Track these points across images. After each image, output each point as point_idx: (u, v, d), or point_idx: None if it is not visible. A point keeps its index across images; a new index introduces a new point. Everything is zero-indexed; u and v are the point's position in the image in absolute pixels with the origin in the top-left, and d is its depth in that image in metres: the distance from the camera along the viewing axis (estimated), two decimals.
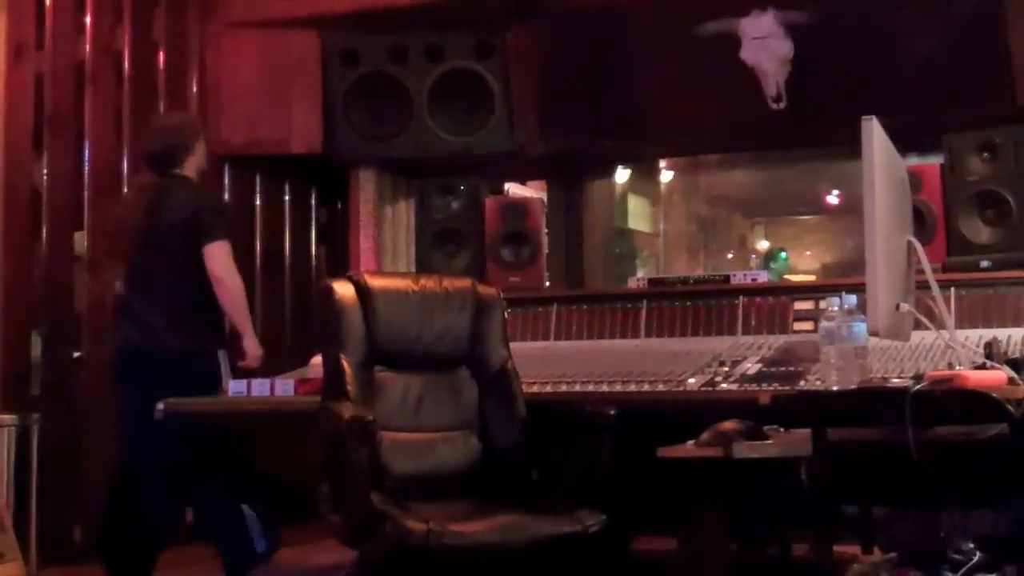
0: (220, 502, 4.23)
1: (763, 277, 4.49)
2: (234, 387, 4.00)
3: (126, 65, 5.33)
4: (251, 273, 5.88)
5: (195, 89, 5.63)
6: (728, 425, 3.03)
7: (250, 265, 5.88)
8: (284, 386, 3.90)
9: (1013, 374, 2.55)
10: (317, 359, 3.76)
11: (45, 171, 4.94)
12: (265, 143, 5.55)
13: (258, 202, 5.98)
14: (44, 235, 4.92)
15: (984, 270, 4.07)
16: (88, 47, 5.16)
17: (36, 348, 4.91)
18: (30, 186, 4.91)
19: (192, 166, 4.39)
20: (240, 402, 3.93)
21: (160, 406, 3.84)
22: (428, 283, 3.59)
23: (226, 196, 5.76)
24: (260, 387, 3.90)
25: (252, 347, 4.40)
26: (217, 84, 5.61)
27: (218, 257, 4.22)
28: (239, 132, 5.56)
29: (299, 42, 5.45)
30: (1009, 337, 3.61)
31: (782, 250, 12.48)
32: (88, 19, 5.16)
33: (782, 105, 4.75)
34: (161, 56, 5.51)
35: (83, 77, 5.13)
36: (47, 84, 4.97)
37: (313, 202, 6.30)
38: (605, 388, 3.63)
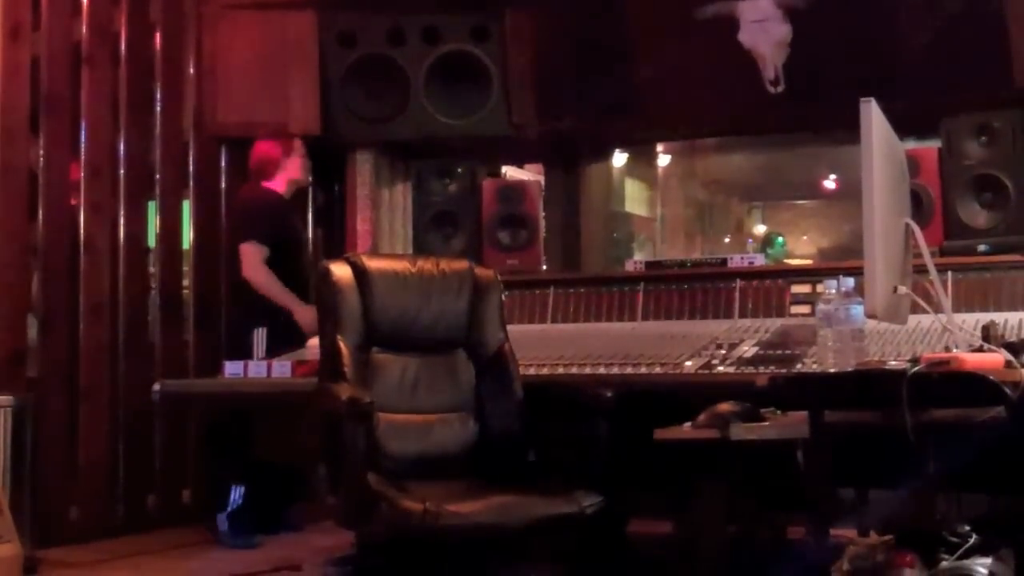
0: None
1: (760, 260, 4.49)
2: (230, 368, 4.00)
3: (123, 47, 5.32)
4: None
5: (192, 71, 5.62)
6: (725, 407, 3.04)
7: None
8: (281, 368, 3.90)
9: (1010, 357, 2.55)
10: (314, 341, 3.76)
11: (41, 152, 4.93)
12: (262, 125, 5.52)
13: None
14: (40, 216, 4.91)
15: (981, 254, 4.07)
16: (84, 28, 5.14)
17: (32, 330, 4.91)
18: (26, 167, 4.90)
19: (282, 179, 5.20)
20: (237, 384, 3.93)
21: (156, 387, 3.84)
22: (426, 265, 3.59)
23: (223, 179, 5.75)
24: (257, 369, 3.91)
25: (300, 317, 4.85)
26: (214, 66, 5.58)
27: (243, 258, 4.97)
28: (236, 114, 5.54)
29: (296, 24, 5.43)
30: (1006, 320, 3.61)
31: (779, 235, 12.48)
32: (84, 0, 5.14)
33: (780, 89, 4.74)
34: (158, 38, 5.50)
35: (79, 59, 5.12)
36: (43, 66, 4.96)
37: (310, 184, 6.28)
38: (602, 371, 3.63)
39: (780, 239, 11.56)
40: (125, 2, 5.33)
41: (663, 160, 10.86)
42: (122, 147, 5.27)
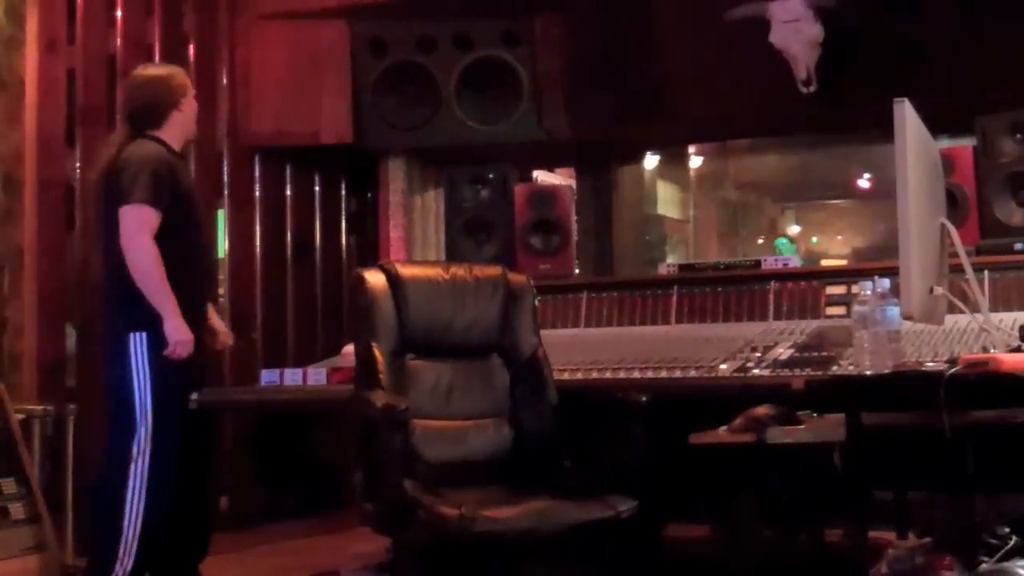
0: None
1: (794, 262, 4.46)
2: (266, 376, 4.03)
3: (157, 58, 5.36)
4: (282, 264, 5.92)
5: (225, 82, 5.67)
6: (761, 411, 3.03)
7: (281, 256, 5.92)
8: (316, 375, 3.92)
9: None
10: (349, 348, 3.78)
11: (78, 164, 4.98)
12: (295, 134, 5.58)
13: (288, 193, 6.02)
14: (77, 227, 4.96)
15: (1018, 252, 4.03)
16: (119, 41, 5.19)
17: (71, 339, 4.95)
18: (63, 179, 4.95)
19: (174, 130, 3.88)
20: (273, 391, 3.96)
21: (193, 395, 3.85)
22: (458, 271, 3.59)
23: (256, 188, 5.80)
24: (293, 376, 3.93)
25: (172, 331, 3.67)
26: (247, 76, 5.64)
27: (127, 223, 3.63)
28: (269, 124, 5.59)
29: (328, 33, 5.47)
30: None
31: (786, 237, 12.43)
32: (119, 13, 5.19)
33: (812, 89, 4.71)
34: (191, 49, 5.55)
35: (114, 71, 5.16)
36: (79, 78, 5.01)
37: (343, 192, 6.33)
38: (636, 375, 3.62)
39: (784, 240, 11.45)
40: (159, 14, 5.38)
41: (695, 162, 10.80)
42: None
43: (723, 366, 3.58)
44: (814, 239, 13.24)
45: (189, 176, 4.02)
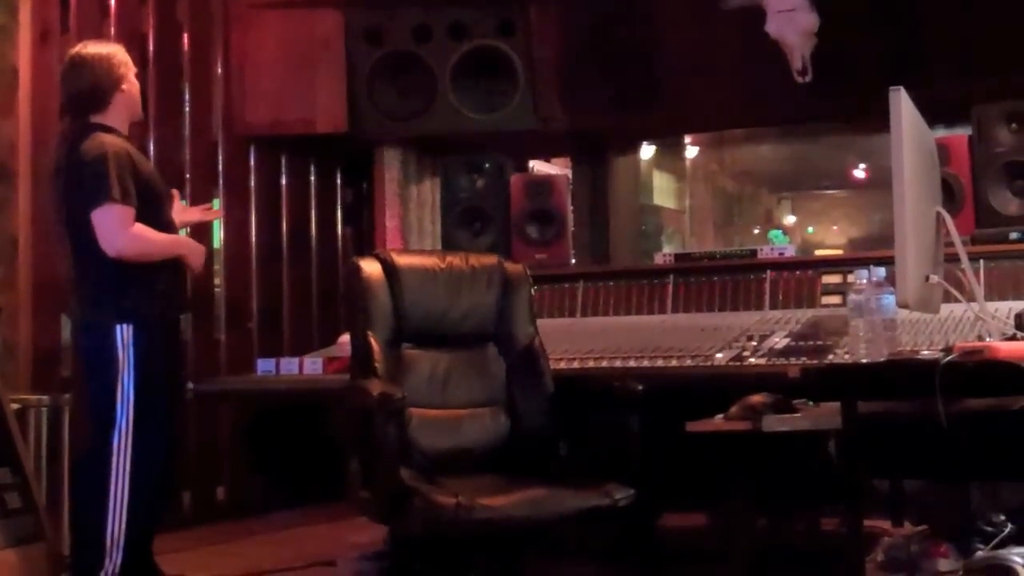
0: None
1: (790, 251, 4.47)
2: (262, 366, 4.03)
3: (151, 48, 5.35)
4: (278, 253, 5.92)
5: (219, 71, 5.65)
6: (757, 399, 3.04)
7: (277, 245, 5.91)
8: (312, 365, 3.92)
9: None
10: (344, 338, 3.78)
11: None
12: (290, 123, 5.56)
13: (283, 182, 6.01)
14: None
15: (1013, 241, 4.04)
16: (113, 30, 5.17)
17: (66, 329, 4.94)
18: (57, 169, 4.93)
19: (119, 112, 3.73)
20: (269, 381, 3.96)
21: (189, 385, 3.85)
22: (454, 261, 3.59)
23: (252, 178, 5.78)
24: (289, 366, 3.93)
25: (187, 247, 3.78)
26: (241, 65, 5.62)
27: (104, 226, 3.53)
28: (264, 113, 5.57)
29: (323, 22, 5.45)
30: None
31: (780, 229, 12.47)
32: (112, 2, 5.17)
33: (808, 79, 4.71)
34: (185, 38, 5.53)
35: None
36: None
37: (338, 182, 6.31)
38: (633, 364, 3.63)
39: (778, 232, 11.49)
40: (152, 3, 5.36)
41: (691, 152, 10.83)
42: (152, 147, 5.30)
43: (719, 355, 3.59)
44: (810, 229, 13.27)
45: (146, 160, 3.91)
